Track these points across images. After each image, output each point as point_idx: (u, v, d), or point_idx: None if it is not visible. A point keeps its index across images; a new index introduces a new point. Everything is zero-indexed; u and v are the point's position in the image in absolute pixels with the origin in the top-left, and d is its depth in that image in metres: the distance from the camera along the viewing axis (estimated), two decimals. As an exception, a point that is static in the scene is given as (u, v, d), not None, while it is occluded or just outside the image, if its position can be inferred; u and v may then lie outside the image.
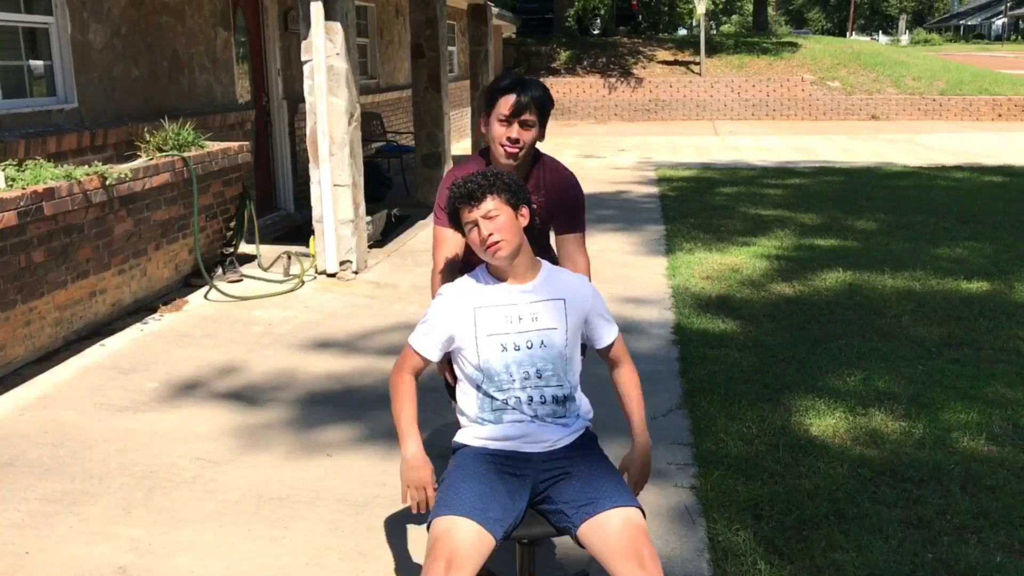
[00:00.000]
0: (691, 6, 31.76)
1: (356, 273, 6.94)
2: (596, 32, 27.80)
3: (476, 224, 2.46)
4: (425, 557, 2.24)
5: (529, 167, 2.96)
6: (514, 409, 2.49)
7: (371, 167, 10.63)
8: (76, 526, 3.36)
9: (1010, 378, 4.84)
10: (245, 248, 7.42)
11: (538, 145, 2.94)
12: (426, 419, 4.22)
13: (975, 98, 21.20)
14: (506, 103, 2.79)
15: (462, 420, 2.61)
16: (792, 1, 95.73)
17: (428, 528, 2.32)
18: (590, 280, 2.78)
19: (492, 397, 2.50)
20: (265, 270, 7.06)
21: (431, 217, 9.70)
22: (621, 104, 22.11)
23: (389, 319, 5.92)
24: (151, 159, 5.79)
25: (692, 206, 10.01)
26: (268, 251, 7.63)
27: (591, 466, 2.47)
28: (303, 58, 6.66)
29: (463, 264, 2.91)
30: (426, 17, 9.74)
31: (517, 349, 2.50)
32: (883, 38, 71.07)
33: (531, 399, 2.50)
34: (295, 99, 9.23)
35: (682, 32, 38.21)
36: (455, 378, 2.65)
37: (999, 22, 78.84)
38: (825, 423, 4.27)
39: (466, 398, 2.57)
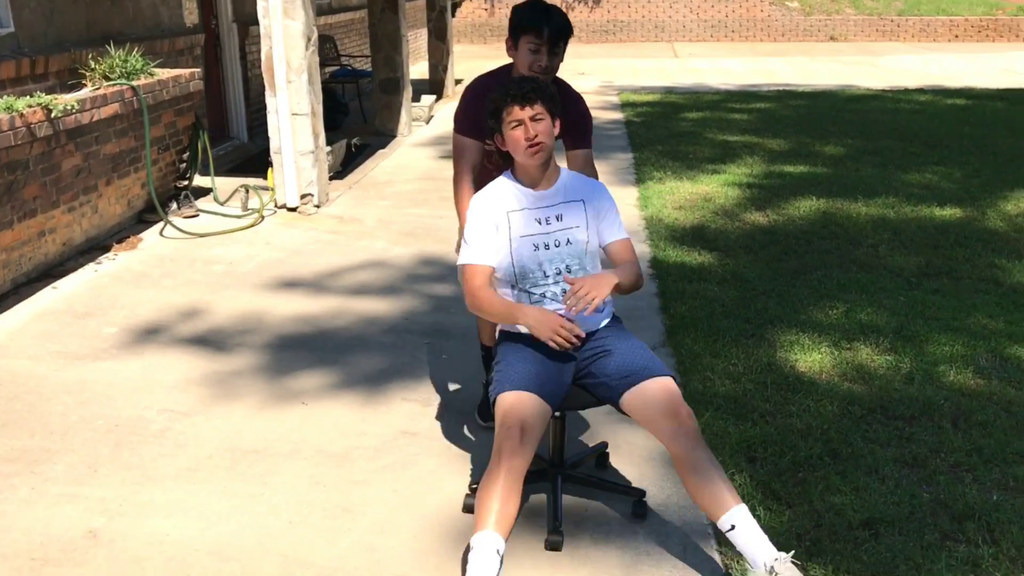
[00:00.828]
0: (647, -77, 30.99)
1: (318, 207, 6.67)
2: (551, -50, 27.08)
3: (523, 123, 2.72)
4: (498, 427, 2.57)
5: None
6: (551, 301, 2.80)
7: (326, 94, 10.22)
8: (39, 487, 3.16)
9: (991, 308, 4.80)
10: (200, 181, 7.10)
11: None
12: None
13: (932, 19, 21.08)
14: (539, 32, 3.01)
15: None
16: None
17: (493, 404, 2.66)
18: None
19: (529, 292, 2.80)
20: (222, 204, 6.77)
21: (391, 146, 9.44)
22: (579, 25, 21.62)
23: (357, 256, 5.70)
24: (98, 88, 5.44)
25: (659, 132, 9.81)
26: (224, 184, 7.31)
27: (625, 343, 2.80)
28: (256, -22, 6.27)
29: (481, 170, 3.24)
30: (382, -66, 9.28)
31: (547, 248, 2.81)
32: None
33: (565, 291, 2.76)
34: (246, 21, 8.78)
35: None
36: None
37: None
38: (811, 359, 4.19)
39: (503, 289, 2.87)
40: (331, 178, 7.59)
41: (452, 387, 3.94)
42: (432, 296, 5.02)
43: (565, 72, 3.37)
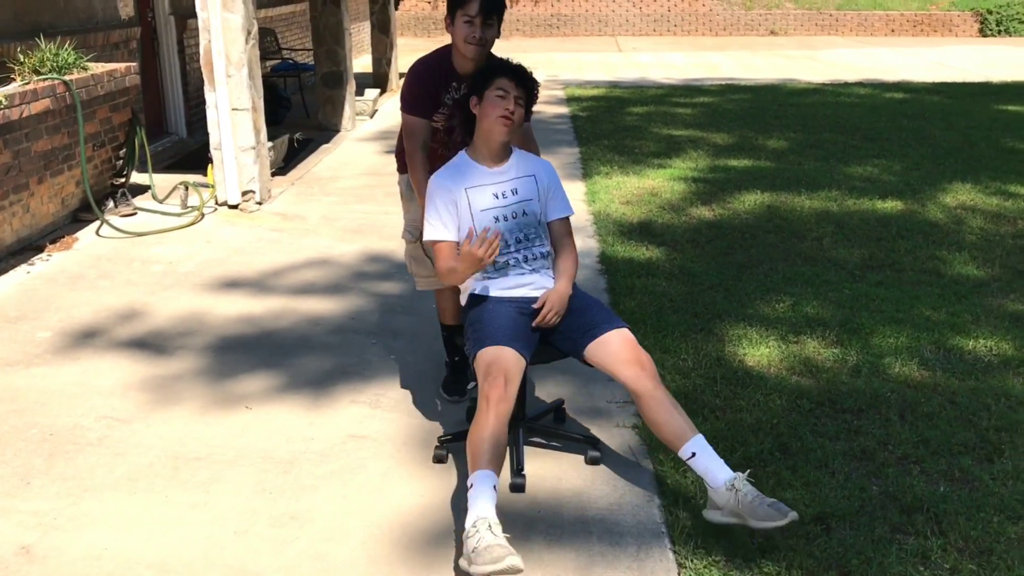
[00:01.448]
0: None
1: (260, 204, 6.54)
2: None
3: (507, 96, 2.99)
4: (482, 379, 2.81)
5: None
6: (514, 267, 3.08)
7: (267, 88, 10.04)
8: (-31, 501, 3.03)
9: (933, 300, 4.87)
10: (137, 178, 6.91)
11: None
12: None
13: (870, 13, 21.47)
14: (472, 6, 3.22)
15: (468, 282, 3.10)
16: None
17: (473, 360, 2.92)
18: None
19: (494, 262, 2.97)
20: (160, 202, 6.59)
21: (335, 141, 9.30)
22: (523, 19, 21.61)
23: (300, 254, 5.58)
24: (27, 83, 5.24)
25: (604, 127, 9.82)
26: (162, 180, 7.13)
27: (583, 301, 3.11)
28: (193, -30, 6.11)
29: (431, 152, 3.41)
30: (322, -75, 9.13)
31: (506, 219, 3.07)
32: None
33: (525, 258, 3.09)
34: (183, 14, 8.56)
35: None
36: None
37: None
38: (759, 353, 4.20)
39: None
40: (273, 174, 7.44)
41: (401, 388, 3.87)
42: (379, 295, 4.93)
43: None
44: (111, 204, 6.25)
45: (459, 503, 2.95)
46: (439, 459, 3.28)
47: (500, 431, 2.73)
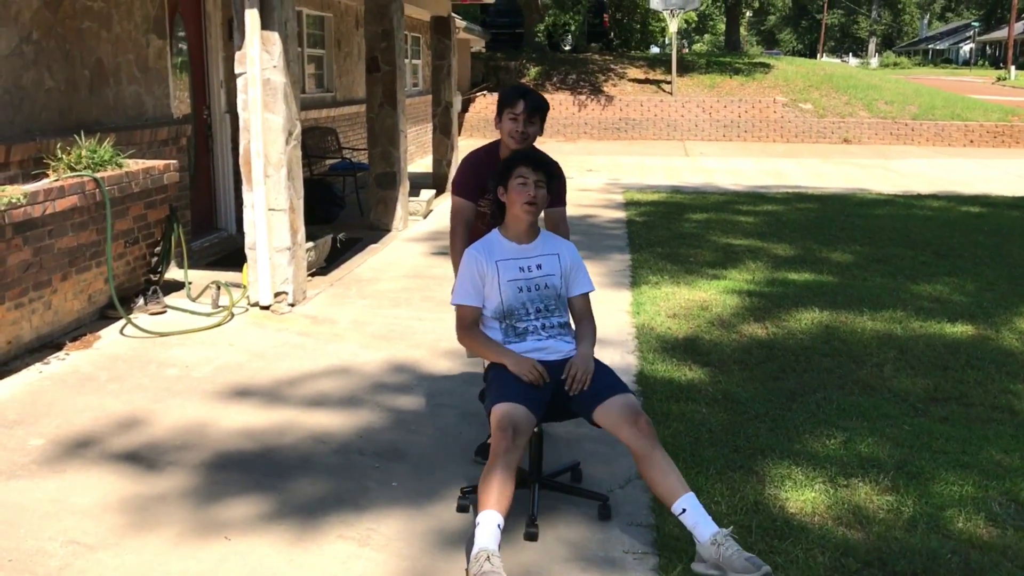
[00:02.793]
0: (663, 24, 31.50)
1: (292, 306, 6.35)
2: (567, 48, 27.41)
3: (528, 183, 3.40)
4: (495, 430, 3.14)
5: None
6: (533, 333, 3.46)
7: (323, 186, 10.07)
8: (-99, 637, 2.75)
9: (1005, 442, 4.37)
10: (175, 274, 6.82)
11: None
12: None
13: (947, 123, 20.99)
14: (518, 105, 3.72)
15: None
16: (764, 22, 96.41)
17: (488, 415, 3.26)
18: None
19: (515, 327, 3.44)
20: (194, 300, 6.46)
21: (383, 241, 9.19)
22: (591, 122, 21.69)
23: (322, 361, 5.34)
24: (56, 180, 5.19)
25: (660, 233, 9.52)
26: (203, 277, 7.04)
27: (594, 367, 3.40)
28: (236, 70, 6.08)
29: (472, 228, 3.86)
30: (382, 29, 9.20)
31: (529, 290, 3.46)
32: (853, 60, 71.52)
33: (544, 325, 3.48)
34: (238, 113, 8.61)
35: (654, 50, 37.94)
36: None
37: (967, 47, 79.76)
38: (803, 497, 3.75)
39: (492, 333, 3.50)
40: (314, 274, 7.30)
41: (396, 523, 3.52)
42: (393, 410, 4.63)
43: (573, 167, 4.34)
44: (141, 301, 6.13)
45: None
46: (463, 508, 3.56)
47: (507, 477, 3.05)
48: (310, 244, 7.05)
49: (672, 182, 14.23)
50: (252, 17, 5.93)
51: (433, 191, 11.05)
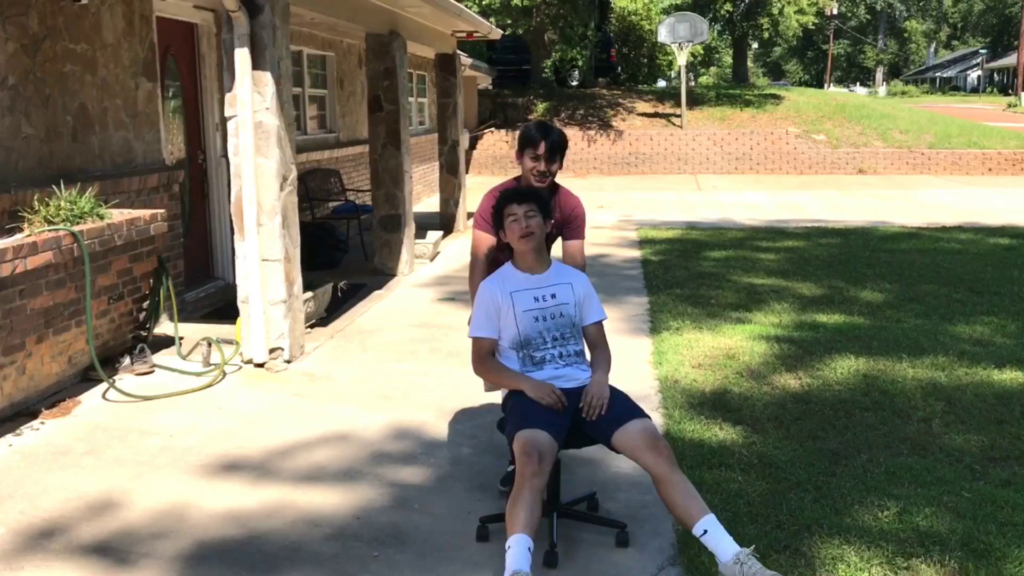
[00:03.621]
0: (671, 58, 31.30)
1: (288, 362, 5.93)
2: (574, 83, 27.16)
3: (518, 217, 3.50)
4: (519, 456, 3.19)
5: (550, 192, 3.99)
6: (550, 362, 3.53)
7: (325, 230, 9.69)
8: None
9: (1080, 511, 3.89)
10: (168, 328, 6.41)
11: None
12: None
13: (964, 152, 20.57)
14: (540, 146, 3.85)
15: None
16: (770, 53, 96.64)
17: (510, 443, 3.32)
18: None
19: (532, 356, 3.52)
20: (184, 358, 6.05)
21: (388, 287, 8.79)
22: (600, 157, 21.36)
23: (318, 426, 4.90)
24: (29, 235, 4.80)
25: (678, 274, 9.09)
26: (197, 331, 6.64)
27: (610, 393, 3.48)
28: (227, 113, 5.73)
29: (492, 261, 3.91)
30: (384, 67, 8.87)
31: (545, 320, 3.53)
32: (860, 89, 71.37)
33: (560, 354, 3.55)
34: (236, 157, 8.26)
35: (661, 84, 37.74)
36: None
37: (974, 74, 79.55)
38: (861, 586, 3.29)
39: (507, 358, 3.58)
40: (314, 325, 6.89)
41: (398, 626, 3.07)
42: (395, 484, 4.18)
43: (585, 204, 4.29)
44: (127, 360, 5.72)
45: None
46: (482, 537, 3.62)
47: (535, 501, 3.12)
48: (308, 294, 6.65)
49: (687, 217, 13.82)
50: (242, 57, 5.57)
51: (440, 233, 10.66)
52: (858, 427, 4.89)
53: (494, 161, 21.61)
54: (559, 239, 4.09)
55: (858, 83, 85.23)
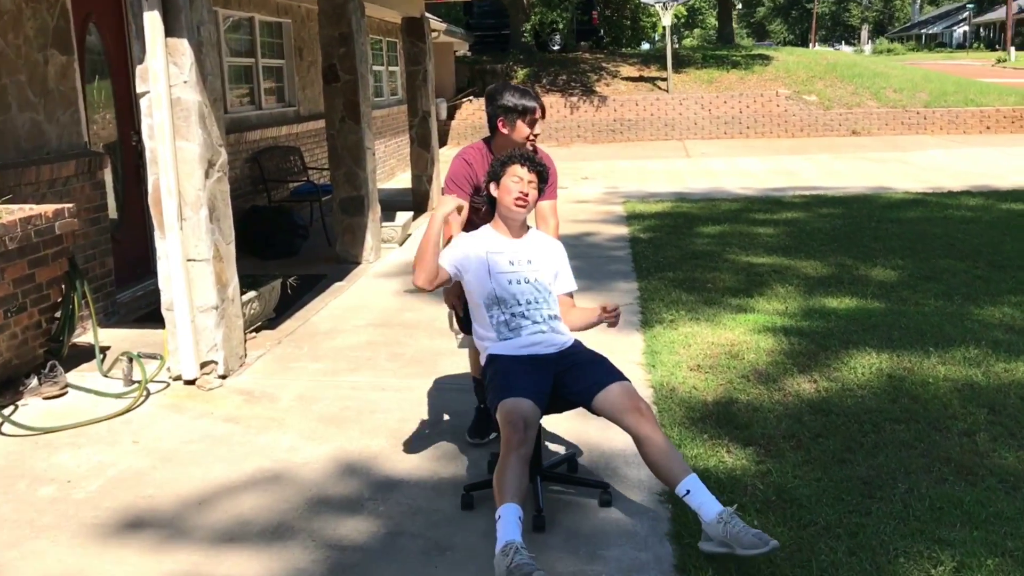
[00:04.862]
0: (655, 19, 30.31)
1: (224, 377, 5.13)
2: (555, 48, 26.18)
3: (521, 181, 3.57)
4: (504, 426, 3.23)
5: None
6: (525, 328, 3.55)
7: (282, 214, 8.85)
8: None
9: None
10: (88, 338, 5.60)
11: None
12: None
13: (961, 110, 19.78)
14: (535, 109, 3.90)
15: (484, 342, 3.60)
16: (754, 14, 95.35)
17: (494, 412, 3.35)
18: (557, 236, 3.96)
19: (507, 323, 3.54)
20: (106, 374, 5.23)
21: (350, 277, 7.97)
22: (584, 124, 20.47)
23: (249, 463, 4.10)
24: None
25: (669, 253, 8.29)
26: (127, 339, 5.84)
27: (589, 357, 3.57)
28: (138, 89, 4.87)
29: (467, 223, 3.93)
30: (339, 32, 7.98)
31: (519, 283, 3.58)
32: (846, 48, 70.28)
33: (535, 320, 3.56)
34: (175, 137, 7.38)
35: (646, 47, 36.71)
36: (463, 307, 3.83)
37: (960, 30, 78.52)
38: None
39: (482, 324, 3.61)
40: (260, 328, 6.08)
41: None
42: (335, 545, 3.39)
43: (568, 176, 4.40)
44: (35, 381, 4.91)
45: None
46: (466, 504, 3.63)
47: (523, 470, 3.12)
48: (251, 294, 5.83)
49: (676, 188, 13.00)
50: (153, 22, 4.70)
51: (410, 214, 9.82)
52: (890, 445, 4.13)
53: (473, 131, 20.68)
54: None
55: (843, 42, 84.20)
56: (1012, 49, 45.40)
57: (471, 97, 21.12)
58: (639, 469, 3.81)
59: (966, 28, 77.00)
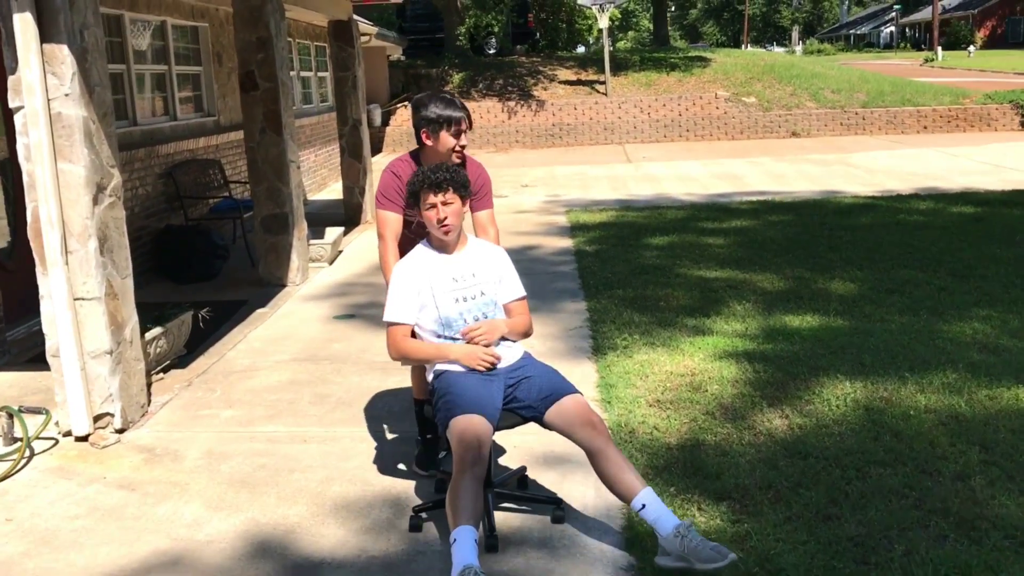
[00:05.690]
0: (591, 22, 30.02)
1: (122, 431, 4.48)
2: (491, 52, 25.66)
3: (436, 206, 3.42)
4: (456, 444, 3.13)
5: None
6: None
7: (200, 234, 8.16)
8: None
9: None
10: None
11: None
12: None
13: (899, 110, 19.76)
14: (462, 120, 3.79)
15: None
16: (686, 16, 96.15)
17: (444, 429, 3.26)
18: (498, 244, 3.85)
19: (453, 339, 3.43)
20: (-15, 429, 4.54)
21: (274, 303, 7.30)
22: (523, 130, 19.98)
23: (144, 543, 3.48)
24: None
25: (618, 268, 7.80)
26: (15, 383, 5.16)
27: (540, 370, 3.48)
28: (11, 103, 4.21)
29: (402, 238, 3.88)
30: (257, 37, 7.35)
31: (465, 300, 3.46)
32: (778, 49, 71.11)
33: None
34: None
35: (581, 50, 36.40)
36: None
37: (887, 30, 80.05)
38: None
39: None
40: (168, 367, 5.43)
41: None
42: (240, 656, 2.81)
43: (507, 183, 4.72)
44: None
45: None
46: (415, 527, 3.50)
47: (477, 490, 3.05)
48: (157, 331, 5.18)
49: (619, 195, 12.56)
50: (25, 25, 4.05)
51: (340, 229, 9.20)
52: (878, 495, 3.67)
53: (409, 138, 20.02)
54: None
55: (774, 43, 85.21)
56: (939, 49, 46.19)
57: (406, 102, 20.49)
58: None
59: (893, 28, 78.58)
